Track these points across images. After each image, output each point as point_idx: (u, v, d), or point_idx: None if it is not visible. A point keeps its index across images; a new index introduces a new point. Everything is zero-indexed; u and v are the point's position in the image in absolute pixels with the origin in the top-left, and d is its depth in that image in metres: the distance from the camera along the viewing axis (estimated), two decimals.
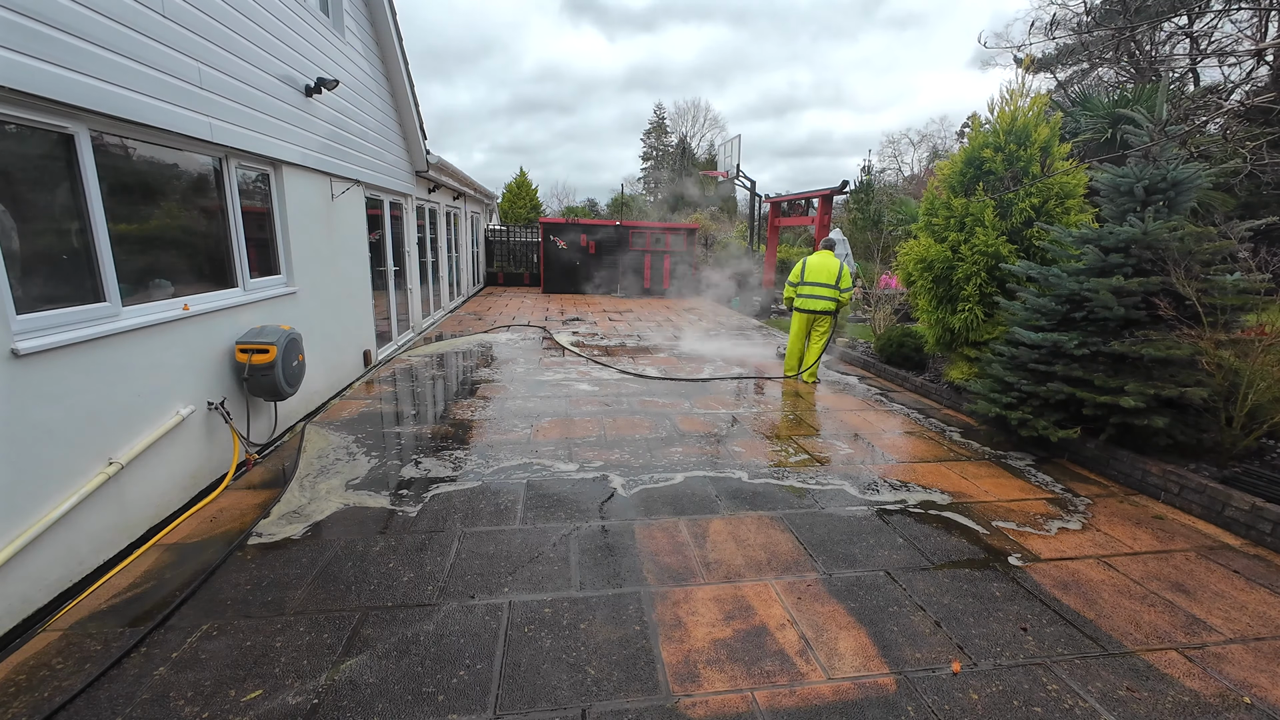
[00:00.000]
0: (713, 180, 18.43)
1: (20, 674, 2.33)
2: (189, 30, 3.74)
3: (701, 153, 44.85)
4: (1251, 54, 7.02)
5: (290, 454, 4.59)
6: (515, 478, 4.24)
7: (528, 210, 25.53)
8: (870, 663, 2.51)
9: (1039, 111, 6.10)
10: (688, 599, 2.92)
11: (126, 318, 3.29)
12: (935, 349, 6.97)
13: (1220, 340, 4.12)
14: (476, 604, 2.82)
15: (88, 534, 2.96)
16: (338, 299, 6.26)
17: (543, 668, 2.43)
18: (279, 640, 2.55)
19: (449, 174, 10.99)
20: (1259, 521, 3.58)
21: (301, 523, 3.54)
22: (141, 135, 3.49)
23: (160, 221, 3.77)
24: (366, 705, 2.22)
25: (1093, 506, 4.05)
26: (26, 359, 2.62)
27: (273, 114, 4.83)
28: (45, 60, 2.70)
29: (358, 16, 6.97)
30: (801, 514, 3.83)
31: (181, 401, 3.71)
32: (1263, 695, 2.39)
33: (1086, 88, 15.02)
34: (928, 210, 6.83)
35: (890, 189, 22.06)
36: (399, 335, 8.79)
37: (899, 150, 36.21)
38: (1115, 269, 4.56)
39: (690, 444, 5.03)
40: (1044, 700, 2.33)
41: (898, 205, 15.47)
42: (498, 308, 13.50)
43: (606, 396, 6.38)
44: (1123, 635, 2.73)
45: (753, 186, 14.34)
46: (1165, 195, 4.68)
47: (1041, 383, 4.72)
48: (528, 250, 19.22)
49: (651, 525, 3.63)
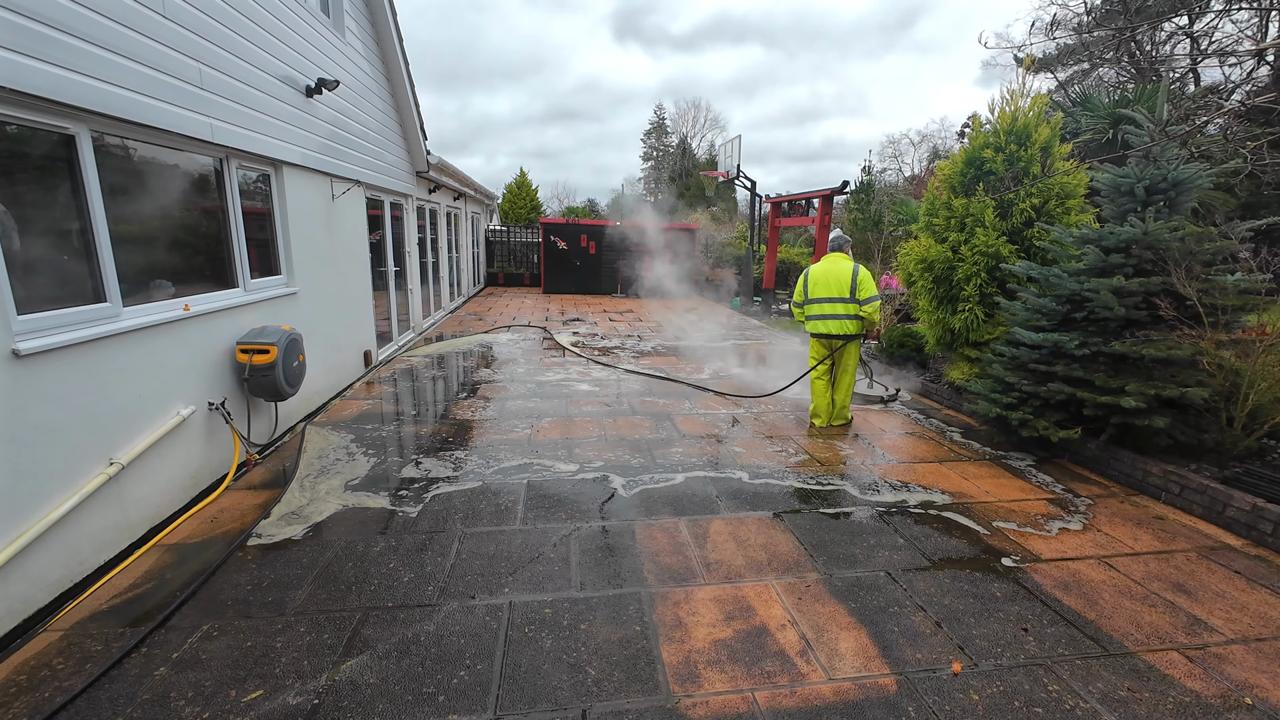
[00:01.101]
0: (713, 180, 18.43)
1: (21, 674, 2.33)
2: (189, 31, 3.75)
3: (702, 153, 44.83)
4: (1252, 54, 7.02)
5: (291, 454, 4.59)
6: (516, 478, 4.24)
7: (528, 210, 25.53)
8: (871, 663, 2.51)
9: (1039, 112, 6.10)
10: (688, 599, 2.91)
11: (127, 318, 3.29)
12: (936, 349, 6.97)
13: (1221, 340, 4.12)
14: (477, 604, 2.82)
15: (88, 534, 2.96)
16: (338, 299, 6.26)
17: (543, 668, 2.43)
18: (279, 640, 2.55)
19: (449, 174, 10.99)
20: (1260, 522, 3.58)
21: (302, 523, 3.54)
22: (142, 136, 3.50)
23: (161, 222, 3.78)
24: (367, 705, 2.22)
25: (1093, 507, 4.05)
26: (27, 359, 2.62)
27: (273, 114, 4.83)
28: (46, 61, 2.71)
29: (358, 17, 6.97)
30: (802, 514, 3.82)
31: (182, 402, 3.71)
32: (1264, 696, 2.38)
33: (1087, 88, 15.01)
34: (928, 210, 6.82)
35: (891, 189, 22.03)
36: (399, 335, 8.79)
37: (899, 150, 36.16)
38: (1116, 269, 4.56)
39: (690, 444, 5.03)
40: (1045, 701, 2.33)
41: (898, 205, 15.47)
42: (498, 308, 13.50)
43: (607, 396, 6.38)
44: (1124, 636, 2.73)
45: (753, 187, 14.33)
46: (1166, 195, 4.68)
47: (1042, 383, 4.71)
48: (528, 250, 19.23)
49: (652, 525, 3.63)
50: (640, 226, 16.93)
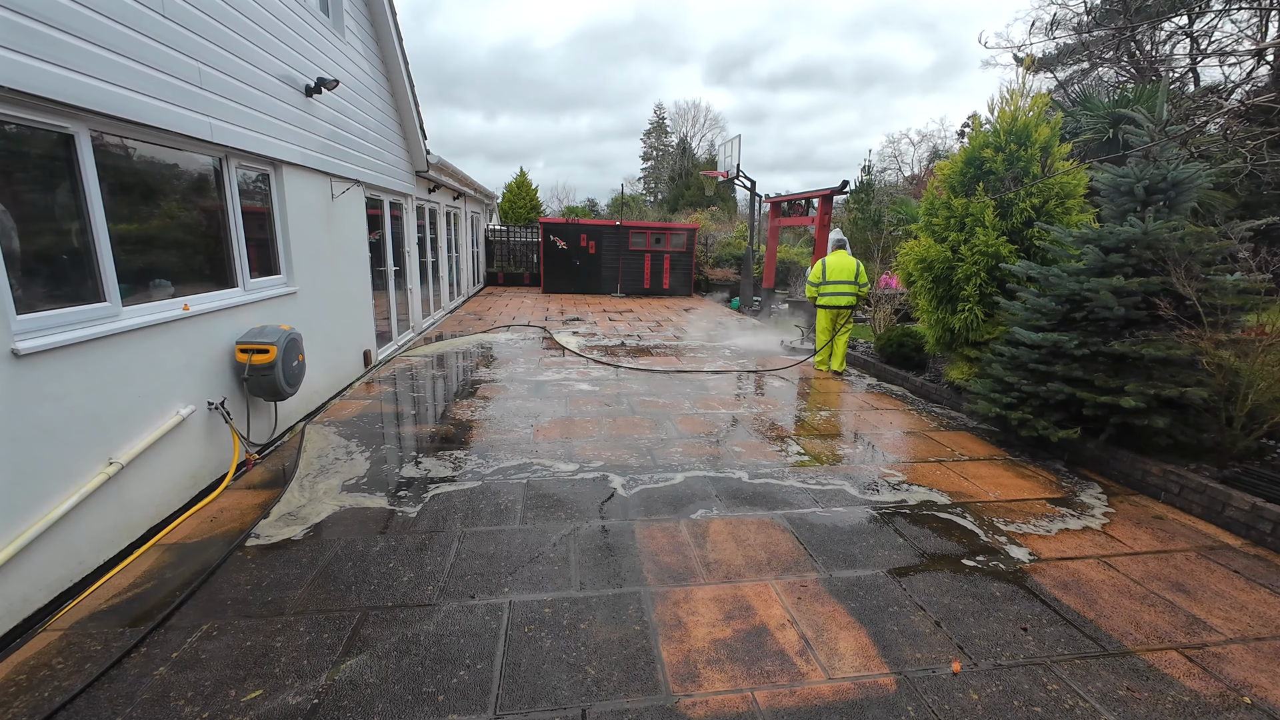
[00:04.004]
0: (713, 180, 18.40)
1: (20, 674, 2.33)
2: (189, 30, 3.74)
3: (702, 153, 44.81)
4: (1252, 54, 7.02)
5: (290, 454, 4.59)
6: (515, 478, 4.24)
7: (528, 210, 25.49)
8: (870, 663, 2.51)
9: (1039, 111, 6.09)
10: (688, 599, 2.92)
11: (127, 318, 3.29)
12: (935, 349, 6.97)
13: (1220, 340, 4.12)
14: (477, 604, 2.82)
15: (88, 534, 2.96)
16: (338, 299, 6.26)
17: (543, 668, 2.43)
18: (279, 640, 2.55)
19: (449, 174, 10.99)
20: (1259, 521, 3.58)
21: (301, 523, 3.54)
22: (142, 135, 3.49)
23: (160, 221, 3.77)
24: (367, 705, 2.22)
25: (1093, 507, 4.05)
26: (27, 359, 2.62)
27: (273, 114, 4.83)
28: (45, 60, 2.70)
29: (358, 16, 6.97)
30: (801, 514, 3.83)
31: (182, 401, 3.71)
32: (1263, 695, 2.39)
33: (1087, 88, 15.01)
34: (928, 210, 6.82)
35: (891, 189, 22.04)
36: (399, 335, 8.79)
37: (899, 150, 36.17)
38: (1115, 269, 4.56)
39: (690, 444, 5.03)
40: (1044, 700, 2.33)
41: (898, 205, 15.47)
42: (498, 308, 13.50)
43: (606, 396, 6.38)
44: (1123, 635, 2.73)
45: (753, 186, 14.32)
46: (1165, 195, 4.68)
47: (1041, 383, 4.71)
48: (528, 250, 19.21)
49: (651, 525, 3.63)
50: (640, 226, 16.92)
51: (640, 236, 16.81)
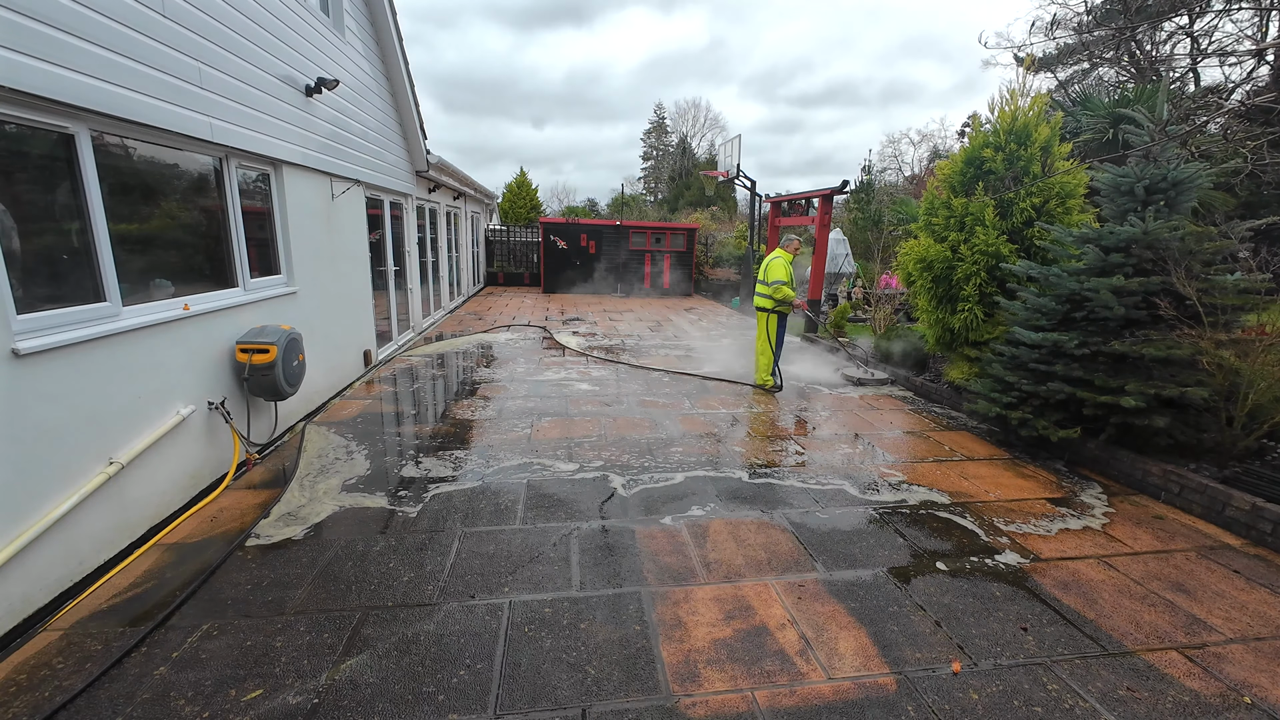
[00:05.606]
0: (713, 180, 18.40)
1: (21, 673, 2.33)
2: (189, 30, 3.74)
3: (702, 153, 44.82)
4: (1252, 54, 7.02)
5: (290, 454, 4.59)
6: (515, 478, 4.24)
7: (528, 210, 25.48)
8: (870, 662, 2.51)
9: (1040, 111, 6.09)
10: (688, 599, 2.92)
11: (127, 318, 3.29)
12: (935, 349, 6.97)
13: (1221, 340, 4.12)
14: (477, 604, 2.82)
15: (88, 533, 2.96)
16: (338, 299, 6.26)
17: (543, 667, 2.43)
18: (279, 640, 2.55)
19: (449, 174, 10.98)
20: (1259, 521, 3.58)
21: (302, 522, 3.54)
22: (142, 135, 3.49)
23: (160, 221, 3.77)
24: (367, 705, 2.22)
25: (1093, 507, 4.05)
26: (27, 359, 2.62)
27: (273, 114, 4.83)
28: (46, 60, 2.70)
29: (358, 16, 6.97)
30: (801, 514, 3.83)
31: (182, 401, 3.71)
32: (1263, 695, 2.39)
33: (1087, 87, 15.01)
34: (928, 210, 6.82)
35: (891, 189, 22.04)
36: (399, 335, 8.78)
37: (899, 150, 36.17)
38: (1116, 269, 4.56)
39: (690, 444, 5.03)
40: (1044, 700, 2.33)
41: (898, 205, 15.47)
42: (498, 307, 13.50)
43: (606, 396, 6.38)
44: (1123, 635, 2.73)
45: (753, 186, 14.32)
46: (1166, 195, 4.68)
47: (1042, 383, 4.71)
48: (528, 250, 19.21)
49: (652, 525, 3.63)
50: (640, 226, 16.92)
51: (640, 236, 16.81)
